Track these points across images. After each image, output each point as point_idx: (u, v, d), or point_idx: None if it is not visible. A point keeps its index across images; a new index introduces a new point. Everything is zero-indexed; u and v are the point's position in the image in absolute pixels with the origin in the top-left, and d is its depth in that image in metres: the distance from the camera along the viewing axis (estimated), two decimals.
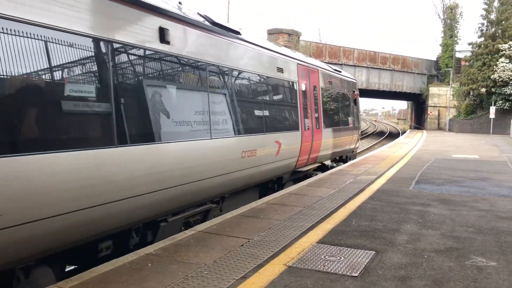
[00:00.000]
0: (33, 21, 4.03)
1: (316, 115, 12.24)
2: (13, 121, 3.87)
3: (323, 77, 13.20)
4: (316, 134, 12.04)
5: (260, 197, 9.22)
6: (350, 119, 16.29)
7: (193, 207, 6.89)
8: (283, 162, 9.83)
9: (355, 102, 17.38)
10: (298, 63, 11.12)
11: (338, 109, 14.88)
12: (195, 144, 6.41)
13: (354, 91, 17.26)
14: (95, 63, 4.87)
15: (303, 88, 11.33)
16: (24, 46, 3.95)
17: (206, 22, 7.06)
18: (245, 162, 7.85)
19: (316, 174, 12.23)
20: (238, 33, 8.03)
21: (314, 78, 12.35)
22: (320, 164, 12.99)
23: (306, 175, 12.02)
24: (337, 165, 14.60)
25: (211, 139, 6.81)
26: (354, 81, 18.18)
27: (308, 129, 11.34)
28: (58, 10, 4.30)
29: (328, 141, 13.22)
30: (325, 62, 19.42)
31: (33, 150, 3.96)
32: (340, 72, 16.17)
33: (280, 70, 9.87)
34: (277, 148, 9.27)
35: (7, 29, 3.78)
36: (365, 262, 4.76)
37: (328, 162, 14.00)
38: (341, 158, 15.74)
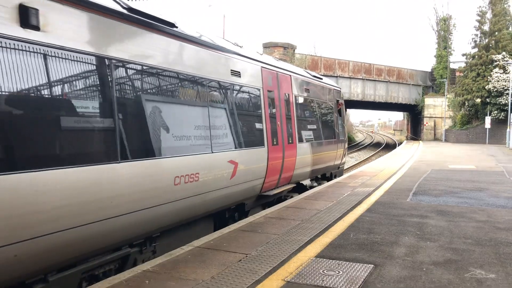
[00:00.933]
0: None
1: (289, 127, 10.54)
2: None
3: (298, 84, 11.61)
4: (289, 150, 10.32)
5: (215, 229, 7.60)
6: (333, 131, 14.57)
7: (101, 255, 5.23)
8: (242, 186, 8.12)
9: (340, 112, 15.71)
10: (262, 67, 9.47)
11: (318, 121, 13.16)
12: (88, 171, 4.64)
13: (338, 100, 15.67)
14: None
15: (270, 96, 9.70)
16: None
17: (118, 7, 5.40)
18: (180, 190, 6.16)
19: (291, 197, 10.73)
20: (172, 25, 6.39)
21: (286, 85, 10.74)
22: (295, 185, 11.21)
23: (280, 198, 10.56)
24: (319, 184, 13.03)
25: (120, 162, 5.04)
26: (338, 89, 16.45)
27: (277, 144, 9.65)
28: None
29: (305, 157, 11.45)
30: (321, 75, 19.10)
31: None
32: (321, 79, 14.56)
33: (236, 73, 8.21)
34: (232, 169, 7.61)
35: None
36: (363, 276, 4.73)
37: (307, 182, 12.23)
38: (324, 176, 14.08)
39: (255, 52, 10.12)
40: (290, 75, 11.19)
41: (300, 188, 11.67)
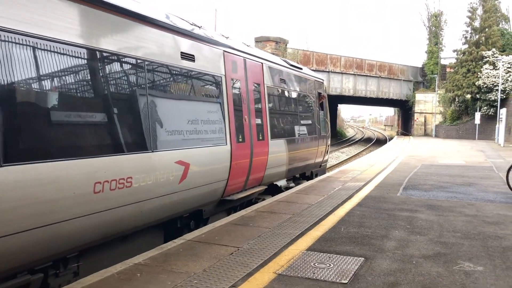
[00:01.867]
0: None
1: (259, 122, 9.37)
2: None
3: (271, 73, 10.29)
4: (258, 148, 9.14)
5: (167, 241, 6.31)
6: (313, 126, 13.32)
7: None
8: (196, 191, 6.96)
9: (322, 106, 14.47)
10: (225, 51, 8.16)
11: (296, 115, 12.00)
12: None
13: (320, 93, 14.36)
14: None
15: (236, 86, 8.48)
16: None
17: None
18: (103, 200, 4.99)
19: (263, 199, 9.65)
20: None
21: (256, 73, 9.47)
22: (266, 187, 9.94)
23: (250, 201, 9.46)
24: (297, 185, 11.61)
25: (2, 166, 3.86)
26: (321, 80, 14.99)
27: (243, 141, 8.50)
28: None
29: (280, 155, 10.34)
30: (313, 70, 18.90)
31: None
32: (301, 68, 13.11)
33: (189, 57, 6.94)
34: (182, 171, 6.44)
35: None
36: (354, 268, 4.78)
37: (282, 183, 10.95)
38: (304, 175, 12.99)
39: (219, 34, 8.72)
40: (262, 63, 9.89)
41: (275, 190, 10.58)
